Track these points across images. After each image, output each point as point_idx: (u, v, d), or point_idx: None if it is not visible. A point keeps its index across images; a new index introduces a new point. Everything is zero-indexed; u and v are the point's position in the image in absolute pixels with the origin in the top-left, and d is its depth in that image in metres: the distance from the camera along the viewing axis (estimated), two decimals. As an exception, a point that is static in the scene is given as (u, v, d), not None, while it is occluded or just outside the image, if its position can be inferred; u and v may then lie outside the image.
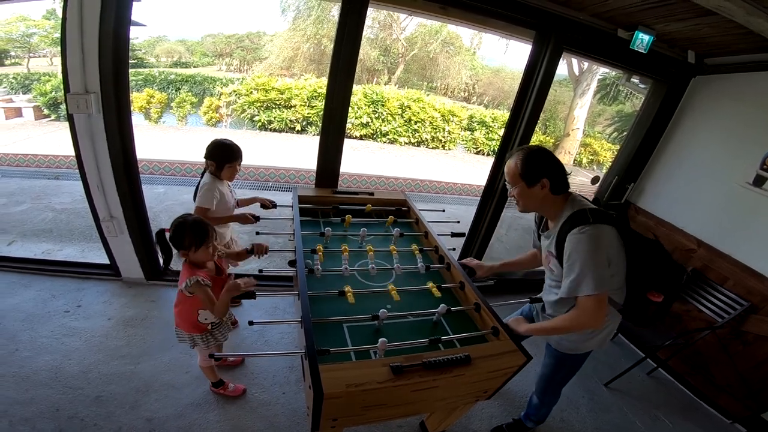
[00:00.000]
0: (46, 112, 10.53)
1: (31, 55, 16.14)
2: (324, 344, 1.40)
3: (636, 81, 3.33)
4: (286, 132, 10.53)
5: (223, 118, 11.05)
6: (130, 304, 2.69)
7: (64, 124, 9.08)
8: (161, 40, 23.31)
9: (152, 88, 11.78)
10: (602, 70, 11.17)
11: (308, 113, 10.44)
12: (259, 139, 9.42)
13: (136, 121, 2.43)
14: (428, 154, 10.73)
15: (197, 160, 2.56)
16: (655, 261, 1.49)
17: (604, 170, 8.50)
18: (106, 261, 2.86)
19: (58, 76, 11.28)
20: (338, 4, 2.33)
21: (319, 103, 10.23)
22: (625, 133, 4.58)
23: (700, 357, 2.75)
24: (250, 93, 10.38)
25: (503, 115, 12.10)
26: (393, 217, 2.48)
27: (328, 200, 2.55)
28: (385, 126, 10.84)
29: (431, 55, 17.56)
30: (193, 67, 21.14)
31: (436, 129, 11.31)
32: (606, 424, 2.43)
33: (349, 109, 2.64)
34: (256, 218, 2.32)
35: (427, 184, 7.54)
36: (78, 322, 2.48)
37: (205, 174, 2.20)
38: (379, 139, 10.88)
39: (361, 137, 10.74)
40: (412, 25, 16.91)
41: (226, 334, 1.96)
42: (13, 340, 2.29)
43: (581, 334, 1.63)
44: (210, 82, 13.35)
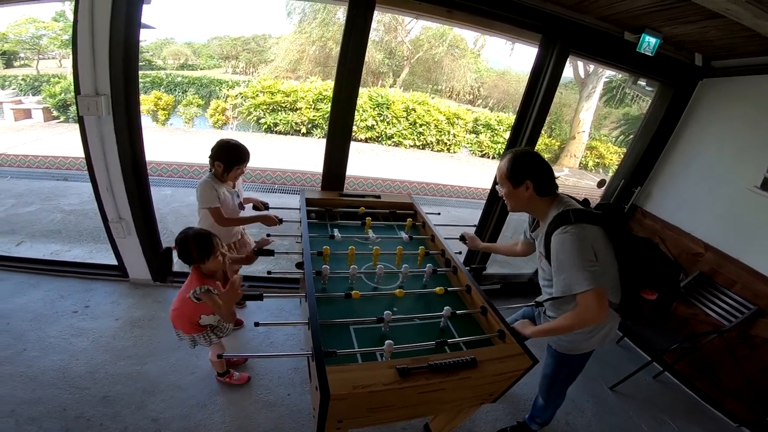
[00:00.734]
0: (56, 113, 10.59)
1: (41, 56, 16.28)
2: (331, 346, 1.40)
3: (643, 83, 3.32)
4: (292, 134, 10.57)
5: (230, 121, 11.11)
6: (138, 305, 2.71)
7: (73, 126, 9.20)
8: (168, 43, 23.41)
9: (159, 90, 11.87)
10: (608, 73, 11.12)
11: (313, 116, 10.47)
12: (264, 142, 9.46)
13: (143, 122, 2.45)
14: (433, 157, 10.70)
15: (204, 162, 2.57)
16: (646, 259, 1.50)
17: (611, 173, 8.46)
18: (114, 262, 2.88)
19: (68, 78, 11.39)
20: (344, 7, 2.34)
21: (324, 106, 10.27)
22: (631, 137, 4.55)
23: (707, 360, 2.73)
24: (256, 95, 10.42)
25: (508, 118, 12.06)
26: (411, 221, 2.51)
27: (335, 203, 2.57)
28: (390, 129, 10.84)
29: (436, 58, 17.53)
30: (200, 70, 21.23)
31: (441, 132, 11.28)
32: (611, 427, 2.42)
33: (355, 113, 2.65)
34: (280, 220, 2.32)
35: (432, 187, 7.53)
36: (86, 323, 2.50)
37: (204, 175, 2.16)
38: (384, 142, 10.88)
39: (366, 140, 10.75)
40: (417, 27, 16.92)
41: (225, 333, 2.02)
42: (21, 339, 2.31)
43: (579, 333, 1.63)
44: (216, 85, 13.40)
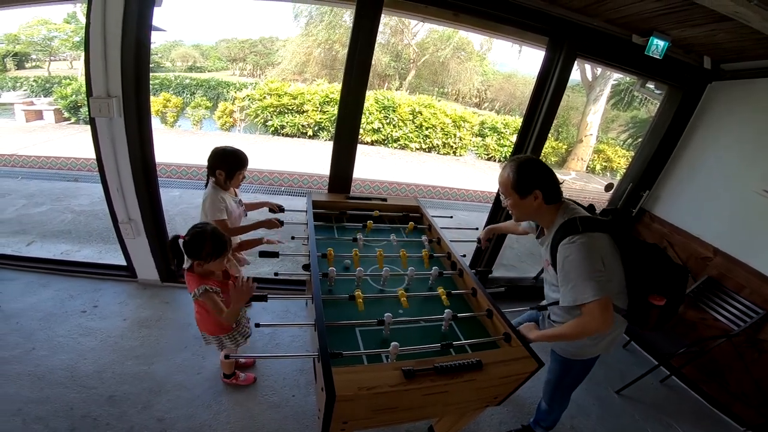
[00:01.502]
0: (66, 115, 10.75)
1: (52, 58, 16.53)
2: (337, 347, 1.41)
3: (651, 86, 3.30)
4: (298, 137, 10.63)
5: (237, 123, 11.20)
6: (146, 306, 2.74)
7: (84, 127, 9.33)
8: (177, 45, 23.68)
9: (168, 92, 11.99)
10: (616, 76, 11.07)
11: (320, 118, 10.52)
12: (271, 144, 9.53)
13: (152, 124, 2.48)
14: (439, 160, 10.71)
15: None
16: (653, 264, 1.49)
17: (618, 177, 8.41)
18: (123, 262, 2.92)
19: (79, 80, 11.56)
20: (350, 10, 2.36)
21: (331, 108, 10.32)
22: (639, 140, 4.53)
23: (715, 364, 2.70)
24: (263, 98, 10.51)
25: (515, 121, 12.03)
26: (413, 224, 2.51)
27: (342, 205, 2.58)
28: (396, 132, 10.86)
29: (442, 61, 17.55)
30: (208, 72, 21.46)
31: (447, 135, 11.29)
32: (617, 431, 2.40)
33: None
34: (281, 223, 2.33)
35: (439, 191, 7.53)
36: (94, 322, 2.53)
37: (208, 186, 2.10)
38: (390, 145, 10.91)
39: (373, 143, 10.79)
40: (424, 30, 16.95)
41: (248, 331, 2.03)
42: (31, 339, 2.34)
43: (585, 339, 1.62)
44: (224, 87, 13.54)
